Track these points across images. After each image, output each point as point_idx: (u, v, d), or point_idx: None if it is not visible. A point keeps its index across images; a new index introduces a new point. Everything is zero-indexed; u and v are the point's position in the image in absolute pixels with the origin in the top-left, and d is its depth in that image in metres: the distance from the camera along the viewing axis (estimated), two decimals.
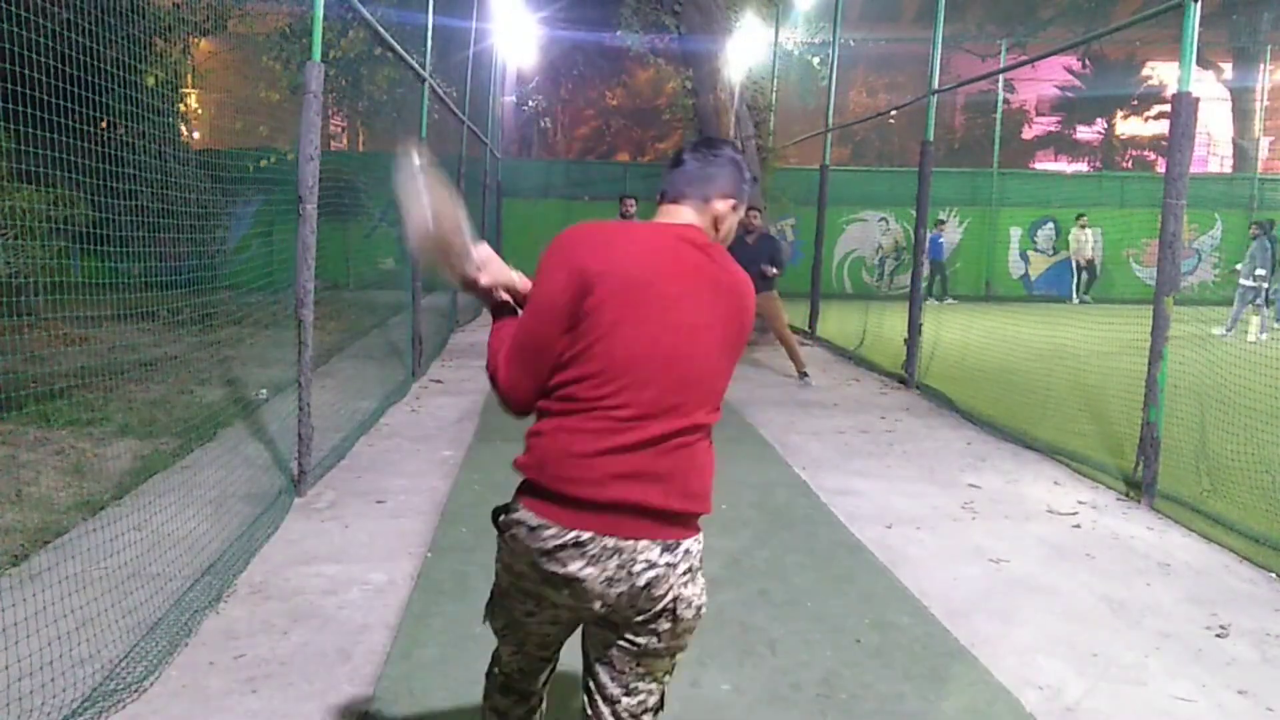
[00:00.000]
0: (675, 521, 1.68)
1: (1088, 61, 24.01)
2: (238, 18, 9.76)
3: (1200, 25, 4.80)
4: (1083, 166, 24.29)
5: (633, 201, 10.41)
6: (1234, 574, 3.95)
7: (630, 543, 1.64)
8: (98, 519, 4.00)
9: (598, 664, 1.80)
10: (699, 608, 1.73)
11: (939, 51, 8.27)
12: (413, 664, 2.92)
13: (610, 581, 1.65)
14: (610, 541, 1.64)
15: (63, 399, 5.24)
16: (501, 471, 5.25)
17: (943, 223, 16.56)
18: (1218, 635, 3.32)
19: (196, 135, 9.46)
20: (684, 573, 1.69)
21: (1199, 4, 4.75)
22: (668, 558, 1.66)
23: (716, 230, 1.82)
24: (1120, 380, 5.96)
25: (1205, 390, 6.03)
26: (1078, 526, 4.54)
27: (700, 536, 1.74)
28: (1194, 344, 6.17)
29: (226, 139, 9.14)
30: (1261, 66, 20.29)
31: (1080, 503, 4.94)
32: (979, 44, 22.62)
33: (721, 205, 1.81)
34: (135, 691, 2.65)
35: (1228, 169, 21.74)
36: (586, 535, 1.64)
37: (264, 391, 6.69)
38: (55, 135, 3.27)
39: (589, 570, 1.64)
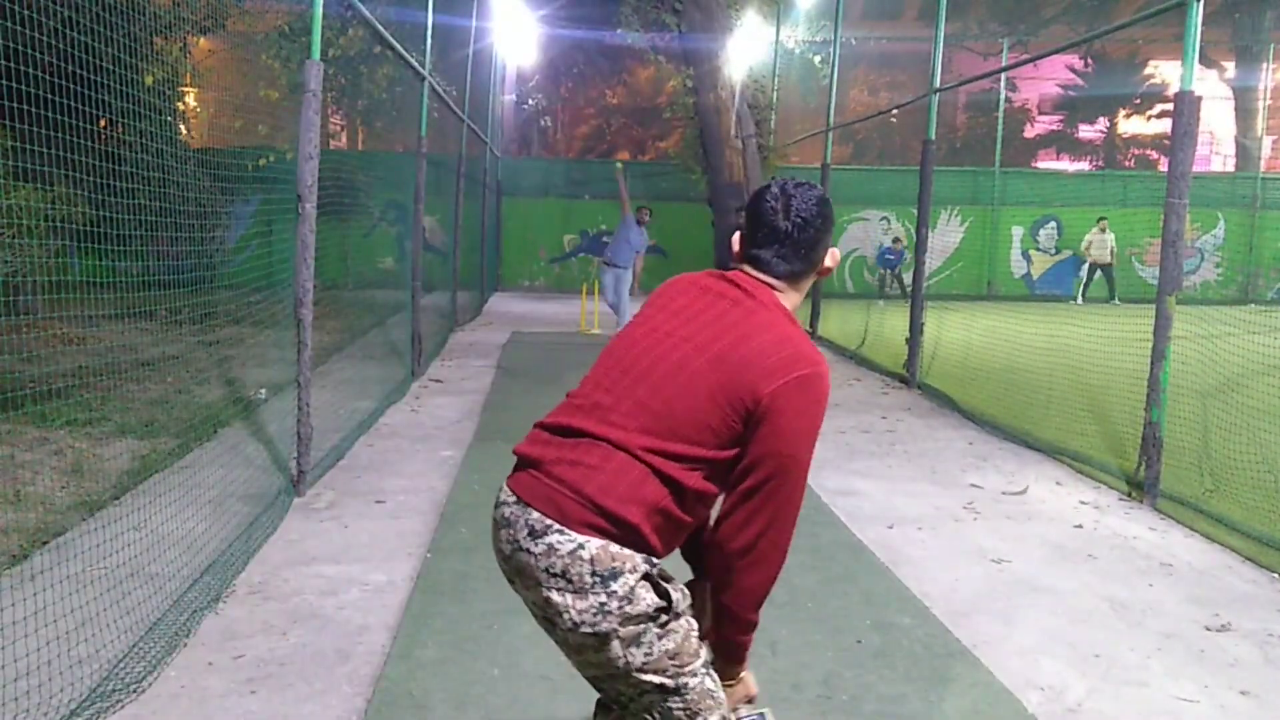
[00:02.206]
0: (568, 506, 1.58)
1: (1090, 60, 23.97)
2: (237, 16, 9.75)
3: (1203, 24, 4.79)
4: (1085, 165, 24.26)
5: (648, 212, 11.00)
6: (1236, 574, 3.94)
7: (523, 507, 1.62)
8: (96, 519, 3.99)
9: None
10: (577, 625, 1.55)
11: (940, 50, 8.25)
12: (412, 665, 2.91)
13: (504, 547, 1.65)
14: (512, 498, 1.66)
15: (61, 399, 5.23)
16: (502, 471, 5.23)
17: (899, 240, 16.62)
18: (1220, 636, 3.31)
19: (195, 134, 9.43)
20: (555, 573, 1.55)
21: (1202, 2, 4.74)
22: (541, 542, 1.57)
23: None
24: (1122, 380, 5.95)
25: (1208, 390, 6.01)
26: (1080, 527, 4.52)
27: (605, 544, 1.55)
28: (1196, 343, 6.15)
29: (225, 138, 9.13)
30: (1264, 65, 20.26)
31: (1082, 503, 4.93)
32: (981, 42, 22.61)
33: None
34: (134, 692, 2.64)
35: (1230, 168, 21.72)
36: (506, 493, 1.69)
37: (263, 391, 6.68)
38: (54, 134, 3.26)
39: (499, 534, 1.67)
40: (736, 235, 1.84)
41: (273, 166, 7.72)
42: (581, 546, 1.54)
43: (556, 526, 1.56)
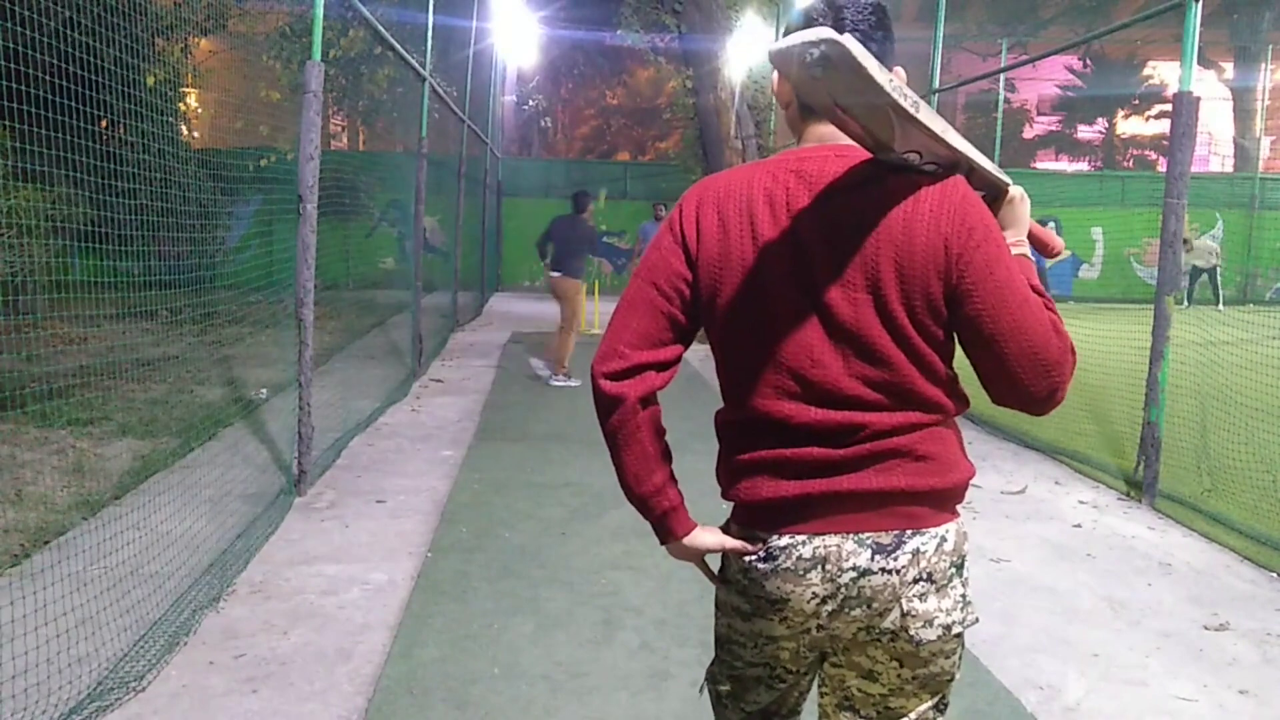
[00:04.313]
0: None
1: (1089, 61, 23.99)
2: (238, 17, 9.76)
3: (1201, 24, 4.79)
4: (1084, 166, 24.27)
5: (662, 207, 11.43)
6: (1235, 574, 3.95)
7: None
8: (97, 518, 4.00)
9: None
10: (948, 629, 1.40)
11: (940, 50, 8.26)
12: (413, 664, 2.92)
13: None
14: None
15: (63, 398, 5.24)
16: (502, 471, 5.25)
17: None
18: (1218, 635, 3.32)
19: (196, 134, 9.45)
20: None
21: (1200, 3, 4.74)
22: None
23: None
24: (1121, 380, 5.96)
25: (1206, 390, 6.02)
26: (1078, 526, 4.53)
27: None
28: (1196, 343, 6.17)
29: (226, 138, 9.14)
30: (1263, 66, 20.28)
31: (1081, 502, 4.94)
32: (980, 43, 22.62)
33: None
34: (135, 690, 2.65)
35: (1229, 168, 21.73)
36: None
37: (264, 391, 6.69)
38: (56, 134, 3.27)
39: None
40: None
41: (274, 167, 7.73)
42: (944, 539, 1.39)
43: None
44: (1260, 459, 5.07)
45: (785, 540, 1.38)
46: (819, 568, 1.37)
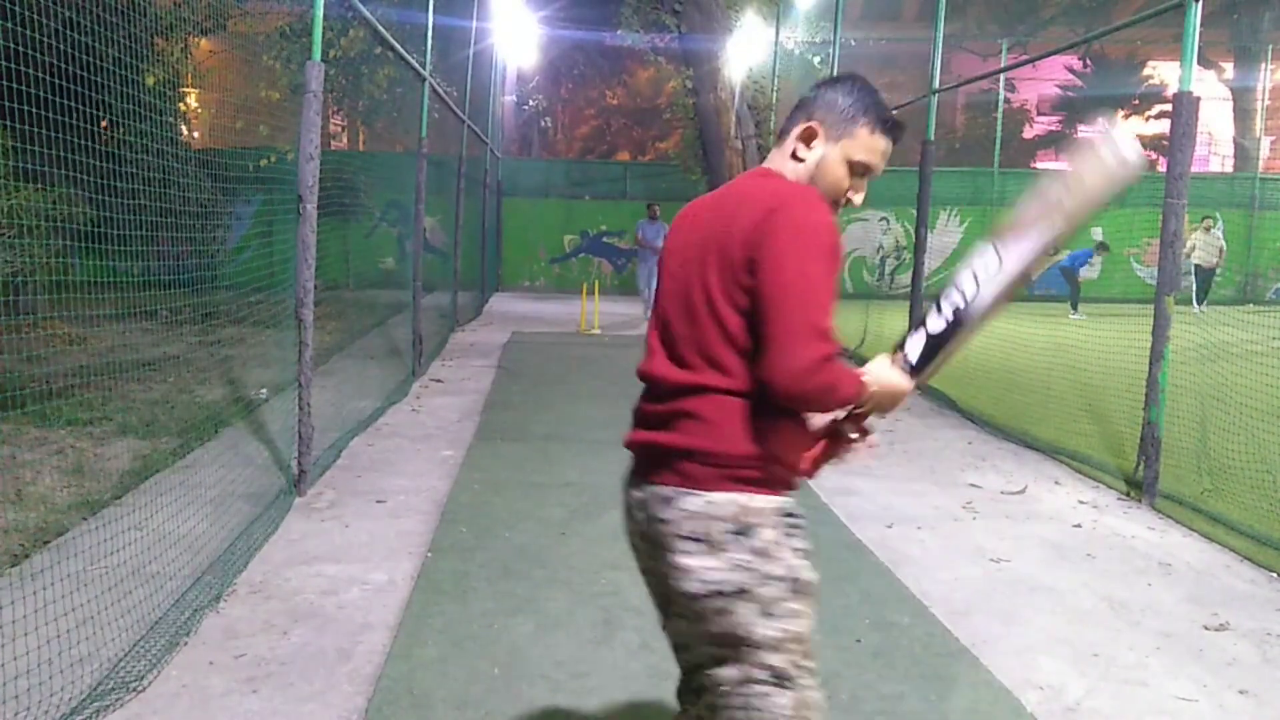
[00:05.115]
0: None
1: (1089, 61, 23.99)
2: (238, 17, 9.76)
3: (1201, 24, 4.79)
4: None
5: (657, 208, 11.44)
6: (1235, 574, 3.95)
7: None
8: (98, 518, 4.00)
9: None
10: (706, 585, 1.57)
11: (940, 51, 8.27)
12: (413, 664, 2.92)
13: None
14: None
15: (63, 398, 5.24)
16: (502, 471, 5.25)
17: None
18: (1218, 635, 3.32)
19: (196, 135, 9.45)
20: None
21: (1200, 3, 4.74)
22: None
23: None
24: (1121, 380, 5.96)
25: (1206, 390, 6.02)
26: (1079, 526, 4.53)
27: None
28: (1196, 343, 6.17)
29: (226, 138, 9.14)
30: (1263, 66, 20.27)
31: (1081, 502, 4.94)
32: (980, 43, 22.62)
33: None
34: (135, 690, 2.65)
35: (1229, 168, 21.72)
36: None
37: (264, 391, 6.69)
38: (56, 134, 3.27)
39: None
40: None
41: (274, 167, 7.73)
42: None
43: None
44: (1260, 459, 5.07)
45: (626, 482, 1.68)
46: (634, 510, 1.65)
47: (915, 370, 1.69)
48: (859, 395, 1.61)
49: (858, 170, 1.71)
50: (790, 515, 1.62)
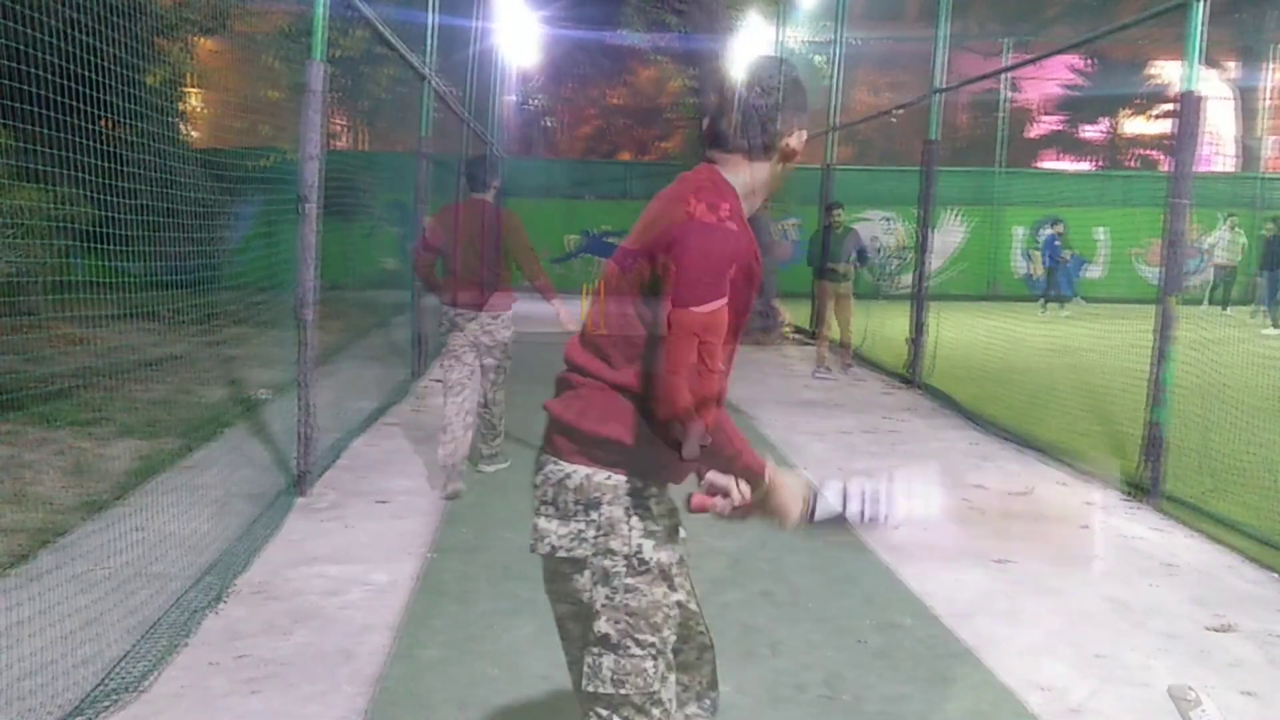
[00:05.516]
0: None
1: (1092, 60, 23.93)
2: (240, 16, 9.76)
3: (1206, 24, 4.78)
4: (1087, 165, 24.22)
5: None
6: (1239, 575, 3.94)
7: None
8: (99, 519, 4.00)
9: None
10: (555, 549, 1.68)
11: (943, 51, 8.25)
12: (415, 665, 2.92)
13: None
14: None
15: (65, 399, 5.24)
16: (503, 471, 5.25)
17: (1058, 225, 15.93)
18: (1222, 636, 3.31)
19: (197, 134, 9.45)
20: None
21: (1204, 3, 4.73)
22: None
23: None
24: (1125, 380, 5.94)
25: (1209, 390, 6.00)
26: (1083, 527, 4.51)
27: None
28: (1199, 344, 6.15)
29: (228, 138, 9.15)
30: (1267, 65, 20.23)
31: (1085, 503, 4.92)
32: (983, 43, 22.57)
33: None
34: (137, 691, 2.65)
35: (1233, 168, 21.68)
36: None
37: (265, 391, 6.69)
38: (57, 134, 3.27)
39: None
40: None
41: (275, 167, 7.73)
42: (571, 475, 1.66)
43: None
44: (1264, 460, 5.05)
45: None
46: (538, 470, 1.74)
47: (810, 517, 1.74)
48: (706, 427, 1.65)
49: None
50: (642, 495, 1.66)
